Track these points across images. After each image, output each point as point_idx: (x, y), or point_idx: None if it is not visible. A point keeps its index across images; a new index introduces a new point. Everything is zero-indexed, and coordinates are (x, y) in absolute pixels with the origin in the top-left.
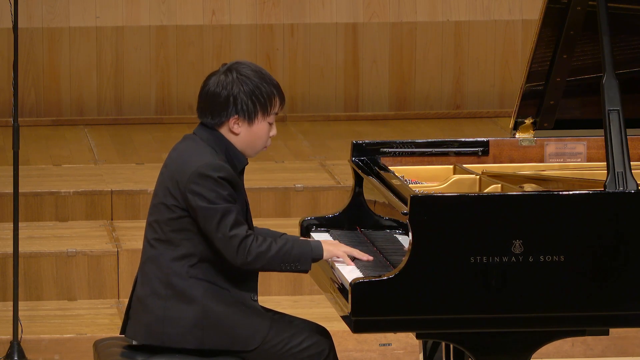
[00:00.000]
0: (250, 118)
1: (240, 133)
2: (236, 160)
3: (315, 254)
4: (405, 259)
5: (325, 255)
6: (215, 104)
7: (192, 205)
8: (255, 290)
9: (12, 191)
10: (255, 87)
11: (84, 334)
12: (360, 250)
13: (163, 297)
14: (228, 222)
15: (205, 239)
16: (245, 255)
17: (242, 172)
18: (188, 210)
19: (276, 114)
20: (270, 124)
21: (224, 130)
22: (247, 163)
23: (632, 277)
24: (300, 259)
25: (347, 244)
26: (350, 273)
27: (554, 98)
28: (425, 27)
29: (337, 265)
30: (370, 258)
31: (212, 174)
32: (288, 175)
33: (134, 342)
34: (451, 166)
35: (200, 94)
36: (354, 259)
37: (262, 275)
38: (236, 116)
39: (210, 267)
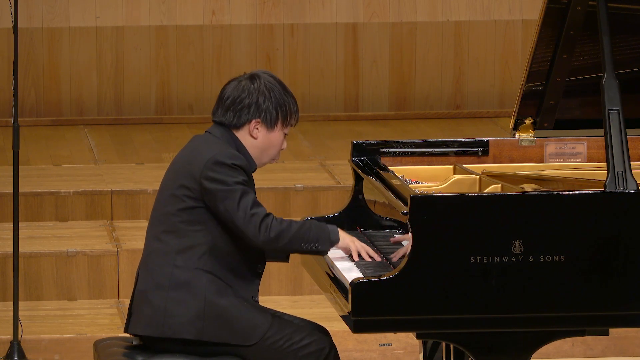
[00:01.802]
0: (271, 124)
1: (258, 138)
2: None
3: (334, 237)
4: (405, 259)
5: (341, 242)
6: (242, 105)
7: (209, 190)
8: (256, 292)
9: (12, 191)
10: (281, 96)
11: (84, 334)
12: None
13: (166, 288)
14: (248, 201)
15: (214, 231)
16: (268, 233)
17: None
18: (203, 200)
19: (292, 126)
20: (285, 136)
21: (242, 133)
22: (255, 170)
23: (632, 277)
24: (319, 239)
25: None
26: (350, 273)
27: (554, 98)
28: (425, 27)
29: (336, 264)
30: (378, 259)
31: (227, 161)
32: (288, 175)
33: (134, 342)
34: (451, 166)
35: (223, 96)
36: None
37: (263, 275)
38: (259, 119)
39: (216, 261)
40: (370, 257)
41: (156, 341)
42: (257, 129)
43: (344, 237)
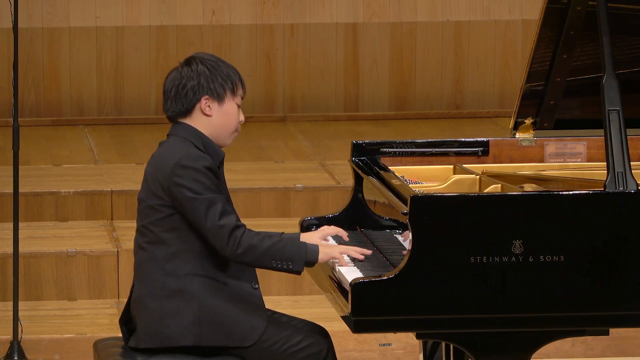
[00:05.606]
0: (220, 97)
1: (213, 114)
2: (213, 153)
3: (310, 256)
4: (405, 259)
5: (322, 257)
6: (186, 89)
7: (177, 198)
8: (255, 279)
9: (12, 191)
10: (220, 70)
11: (84, 334)
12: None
13: (159, 296)
14: (216, 211)
15: (197, 233)
16: (235, 247)
17: (221, 165)
18: (175, 207)
19: (242, 97)
20: (239, 107)
21: (196, 116)
22: (224, 155)
23: (632, 277)
24: (293, 258)
25: (346, 244)
26: (350, 273)
27: (554, 98)
28: (425, 27)
29: (337, 265)
30: (368, 252)
31: (191, 164)
32: (288, 175)
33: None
34: (451, 166)
35: (167, 89)
36: (353, 259)
37: (262, 275)
38: (207, 96)
39: (206, 261)
40: (361, 253)
41: (157, 351)
42: (209, 106)
43: (325, 252)
